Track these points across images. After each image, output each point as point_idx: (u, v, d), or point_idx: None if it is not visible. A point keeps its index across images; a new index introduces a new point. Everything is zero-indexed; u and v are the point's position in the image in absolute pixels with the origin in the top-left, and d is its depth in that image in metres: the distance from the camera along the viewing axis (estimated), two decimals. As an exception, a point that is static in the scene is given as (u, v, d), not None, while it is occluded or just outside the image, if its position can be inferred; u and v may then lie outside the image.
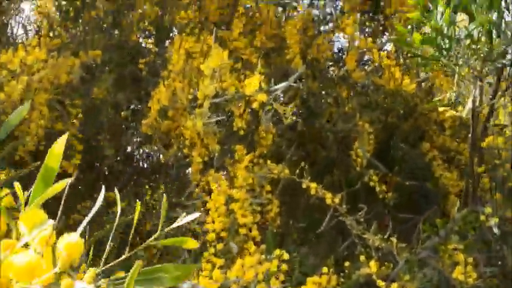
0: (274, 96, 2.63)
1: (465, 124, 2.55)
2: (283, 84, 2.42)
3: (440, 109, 2.32)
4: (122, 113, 3.33)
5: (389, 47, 3.79)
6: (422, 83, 3.54)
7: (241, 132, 2.95)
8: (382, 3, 3.67)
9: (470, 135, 2.42)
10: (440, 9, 1.86)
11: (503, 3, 2.01)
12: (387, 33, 4.16)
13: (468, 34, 1.83)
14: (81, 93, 3.22)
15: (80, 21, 4.24)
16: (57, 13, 4.52)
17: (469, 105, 2.13)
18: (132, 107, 3.63)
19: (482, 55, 1.95)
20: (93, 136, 3.43)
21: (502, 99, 2.47)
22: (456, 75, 2.07)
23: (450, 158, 3.76)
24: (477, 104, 2.24)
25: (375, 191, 3.30)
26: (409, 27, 1.97)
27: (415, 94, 3.32)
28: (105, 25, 4.24)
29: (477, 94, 2.16)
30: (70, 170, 3.20)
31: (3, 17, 4.75)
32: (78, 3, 4.41)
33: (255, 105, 2.39)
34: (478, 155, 2.71)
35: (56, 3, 4.60)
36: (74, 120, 3.16)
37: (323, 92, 3.91)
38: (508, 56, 2.08)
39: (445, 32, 1.86)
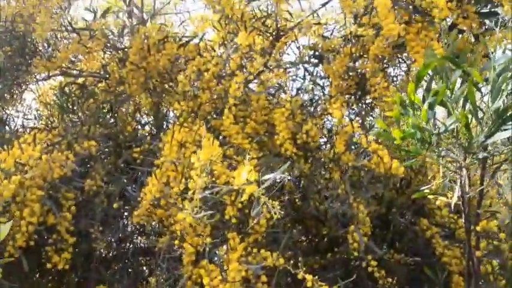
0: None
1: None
2: (272, 175, 2.44)
3: (430, 197, 2.32)
4: (114, 204, 3.32)
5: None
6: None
7: (234, 221, 2.93)
8: (367, 87, 3.82)
9: (463, 220, 2.40)
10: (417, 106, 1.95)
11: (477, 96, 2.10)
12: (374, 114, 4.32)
13: (446, 129, 1.90)
14: (75, 185, 3.24)
15: (78, 110, 4.41)
16: (57, 102, 4.71)
17: (457, 192, 2.13)
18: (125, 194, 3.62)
19: (463, 147, 2.00)
20: (85, 227, 3.38)
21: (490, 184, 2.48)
22: (440, 167, 2.11)
23: (451, 234, 3.70)
24: (466, 190, 2.25)
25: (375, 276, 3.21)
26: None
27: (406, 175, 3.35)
28: (103, 112, 4.40)
29: (464, 182, 2.18)
30: (60, 265, 3.12)
31: (5, 107, 4.94)
32: (78, 93, 4.62)
33: (244, 197, 2.39)
34: (474, 238, 2.67)
35: (57, 93, 4.83)
36: (66, 213, 3.14)
37: (315, 173, 3.95)
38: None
39: (423, 127, 1.92)
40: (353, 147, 3.55)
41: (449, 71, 2.14)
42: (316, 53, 4.33)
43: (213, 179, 2.69)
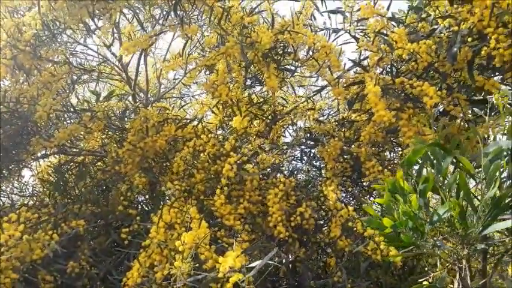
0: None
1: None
2: (258, 262, 2.30)
3: (429, 290, 2.15)
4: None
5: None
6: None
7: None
8: (363, 170, 3.79)
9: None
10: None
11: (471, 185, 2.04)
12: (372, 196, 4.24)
13: (439, 218, 1.81)
14: (56, 267, 3.07)
15: (73, 188, 4.38)
16: (52, 179, 4.69)
17: (457, 285, 1.98)
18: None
19: (460, 237, 1.90)
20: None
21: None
22: (437, 258, 1.99)
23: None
24: (468, 283, 2.09)
25: None
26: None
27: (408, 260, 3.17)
28: (97, 190, 4.35)
29: (465, 274, 2.03)
30: None
31: (1, 184, 4.92)
32: (75, 171, 4.62)
33: (228, 286, 2.23)
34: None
35: (53, 171, 4.82)
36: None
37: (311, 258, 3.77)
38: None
39: (415, 215, 1.84)
40: (349, 231, 3.41)
41: (440, 157, 2.11)
42: (312, 136, 4.40)
43: (200, 264, 2.53)
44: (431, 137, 2.87)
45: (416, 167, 2.19)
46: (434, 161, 2.12)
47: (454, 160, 2.13)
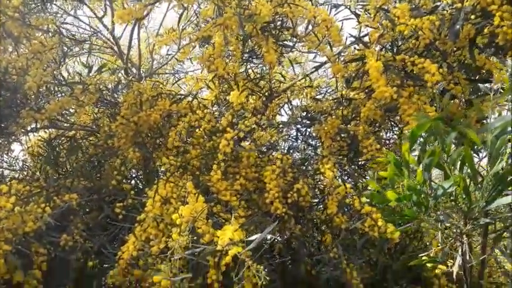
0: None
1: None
2: (258, 236, 2.28)
3: (429, 265, 2.16)
4: (89, 263, 3.09)
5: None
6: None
7: (216, 286, 2.70)
8: (359, 148, 3.77)
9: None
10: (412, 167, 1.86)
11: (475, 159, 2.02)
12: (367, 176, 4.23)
13: (444, 192, 1.79)
14: (49, 240, 3.02)
15: (65, 162, 4.29)
16: (43, 153, 4.59)
17: (458, 261, 1.98)
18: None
19: (463, 212, 1.89)
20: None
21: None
22: (439, 232, 1.98)
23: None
24: (467, 258, 2.09)
25: None
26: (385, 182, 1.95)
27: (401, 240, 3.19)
28: (89, 165, 4.28)
29: (466, 249, 2.03)
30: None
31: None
32: (66, 146, 4.53)
33: (227, 259, 2.21)
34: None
35: (44, 144, 4.72)
36: (36, 271, 2.89)
37: (307, 235, 3.77)
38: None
39: (420, 189, 1.82)
40: (346, 209, 3.41)
41: (443, 133, 2.08)
42: (309, 115, 4.35)
43: (197, 237, 2.50)
44: (433, 114, 2.84)
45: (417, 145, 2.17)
46: (438, 136, 2.09)
47: (457, 136, 2.11)
